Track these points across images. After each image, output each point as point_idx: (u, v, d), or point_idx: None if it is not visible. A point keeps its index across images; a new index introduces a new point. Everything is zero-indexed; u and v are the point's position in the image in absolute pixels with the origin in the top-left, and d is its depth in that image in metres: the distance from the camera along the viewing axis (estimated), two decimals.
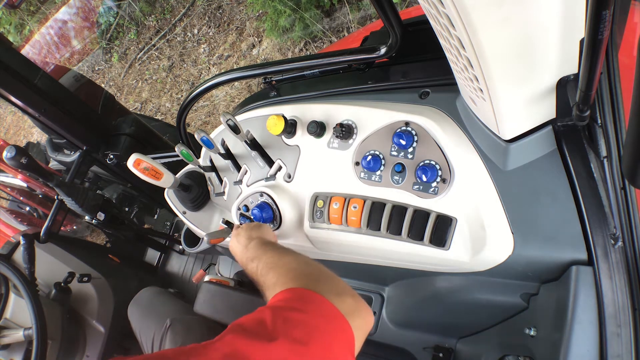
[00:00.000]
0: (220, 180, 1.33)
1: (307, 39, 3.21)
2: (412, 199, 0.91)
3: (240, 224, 1.16)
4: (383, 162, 0.94)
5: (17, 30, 5.16)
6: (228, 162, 1.25)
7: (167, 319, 1.20)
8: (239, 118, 1.23)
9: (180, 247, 2.04)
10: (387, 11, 0.87)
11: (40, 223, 2.50)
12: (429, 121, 0.88)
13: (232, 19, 3.98)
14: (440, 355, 1.21)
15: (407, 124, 0.91)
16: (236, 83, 3.53)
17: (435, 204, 0.88)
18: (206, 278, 1.53)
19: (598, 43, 0.42)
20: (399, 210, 0.91)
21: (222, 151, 1.23)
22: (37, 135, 5.03)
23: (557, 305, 0.80)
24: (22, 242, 1.52)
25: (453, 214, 0.86)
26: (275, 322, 0.55)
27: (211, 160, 1.34)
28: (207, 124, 3.67)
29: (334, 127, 1.00)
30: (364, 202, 0.95)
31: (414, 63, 1.04)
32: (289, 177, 1.10)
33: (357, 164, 0.98)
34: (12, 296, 1.45)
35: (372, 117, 0.97)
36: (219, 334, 1.13)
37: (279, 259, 0.77)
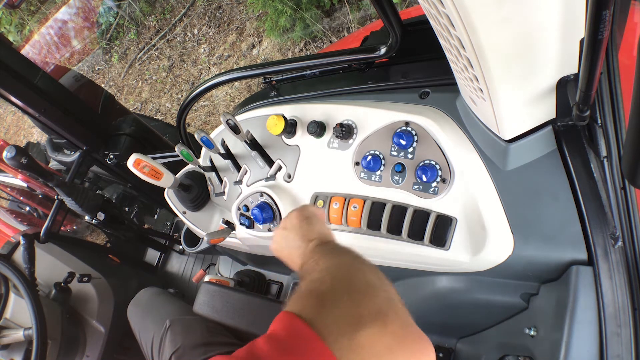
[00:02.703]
0: (220, 180, 1.33)
1: (307, 39, 3.21)
2: (412, 199, 0.91)
3: (241, 224, 1.16)
4: (383, 162, 0.94)
5: (17, 30, 5.15)
6: (228, 162, 1.25)
7: (167, 320, 1.20)
8: (239, 118, 1.23)
9: (180, 247, 2.04)
10: (387, 11, 0.87)
11: (40, 223, 2.49)
12: (429, 121, 0.88)
13: (232, 19, 3.98)
14: (440, 355, 1.21)
15: (407, 124, 0.91)
16: (236, 83, 3.53)
17: (435, 204, 0.88)
18: (206, 278, 1.54)
19: (598, 43, 0.42)
20: (399, 210, 0.91)
21: (222, 151, 1.23)
22: (37, 135, 5.02)
23: (557, 305, 0.80)
24: (22, 242, 1.52)
25: (453, 214, 0.86)
26: None
27: (211, 160, 1.34)
28: (207, 124, 3.67)
29: (334, 127, 1.00)
30: (364, 202, 0.95)
31: (414, 63, 1.04)
32: (289, 177, 1.10)
33: (357, 164, 0.98)
34: (12, 296, 1.45)
35: (372, 117, 0.97)
36: (219, 334, 1.08)
37: (335, 268, 0.58)
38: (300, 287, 0.55)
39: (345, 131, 0.98)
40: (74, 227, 3.21)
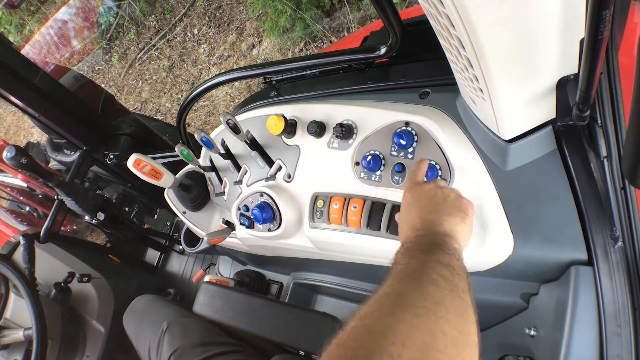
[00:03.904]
0: (220, 180, 1.33)
1: (307, 39, 3.21)
2: None
3: (241, 224, 1.15)
4: (383, 162, 0.94)
5: (17, 30, 5.15)
6: (228, 162, 1.25)
7: (164, 322, 1.19)
8: (239, 118, 1.23)
9: (180, 247, 2.04)
10: (387, 11, 0.87)
11: (40, 223, 2.50)
12: (429, 121, 0.88)
13: (232, 19, 3.98)
14: None
15: (407, 124, 0.91)
16: (236, 83, 3.53)
17: None
18: (206, 278, 1.54)
19: (598, 43, 0.42)
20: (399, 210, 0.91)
21: (222, 151, 1.23)
22: (37, 135, 5.02)
23: (557, 305, 0.80)
24: (22, 242, 1.52)
25: None
26: None
27: (211, 160, 1.34)
28: (207, 124, 3.67)
29: (334, 127, 1.00)
30: (364, 202, 0.95)
31: (414, 63, 1.04)
32: (289, 177, 1.10)
33: (357, 164, 0.98)
34: (12, 296, 1.45)
35: (372, 117, 0.97)
36: (217, 335, 1.07)
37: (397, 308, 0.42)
38: (350, 321, 0.42)
39: (345, 131, 0.98)
40: (74, 227, 3.21)
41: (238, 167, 1.24)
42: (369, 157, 0.94)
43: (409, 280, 0.47)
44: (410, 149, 0.91)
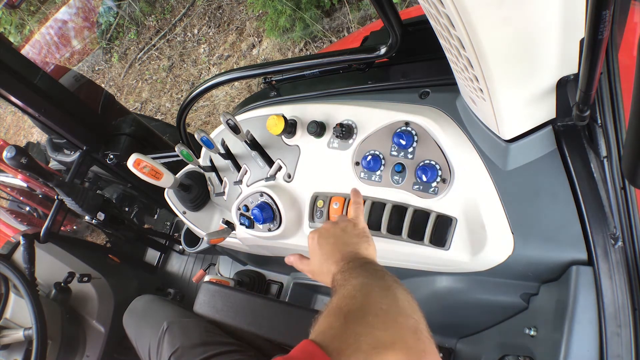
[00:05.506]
0: (220, 180, 1.33)
1: (307, 39, 3.21)
2: (412, 199, 0.91)
3: (241, 224, 1.16)
4: (383, 162, 0.94)
5: (17, 30, 5.15)
6: (228, 162, 1.25)
7: (164, 322, 1.19)
8: (239, 118, 1.23)
9: (180, 247, 2.04)
10: (387, 11, 0.87)
11: (40, 223, 2.50)
12: (429, 121, 0.88)
13: (232, 19, 3.98)
14: (440, 355, 1.21)
15: (407, 124, 0.91)
16: (236, 83, 3.53)
17: (435, 204, 0.88)
18: (206, 278, 1.54)
19: (598, 43, 0.42)
20: (399, 210, 0.91)
21: (222, 151, 1.23)
22: (37, 135, 5.03)
23: (557, 305, 0.80)
24: (22, 242, 1.52)
25: (453, 214, 0.86)
26: None
27: (211, 160, 1.34)
28: (207, 124, 3.67)
29: (334, 127, 1.00)
30: (364, 202, 0.95)
31: (414, 63, 1.04)
32: (289, 177, 1.10)
33: (357, 164, 0.98)
34: (12, 296, 1.45)
35: (372, 117, 0.97)
36: (217, 335, 1.11)
37: (368, 287, 0.58)
38: (331, 301, 0.57)
39: (345, 131, 0.98)
40: (74, 227, 3.21)
41: (238, 167, 1.24)
42: (369, 157, 0.94)
43: (367, 275, 0.63)
44: (410, 149, 0.91)
